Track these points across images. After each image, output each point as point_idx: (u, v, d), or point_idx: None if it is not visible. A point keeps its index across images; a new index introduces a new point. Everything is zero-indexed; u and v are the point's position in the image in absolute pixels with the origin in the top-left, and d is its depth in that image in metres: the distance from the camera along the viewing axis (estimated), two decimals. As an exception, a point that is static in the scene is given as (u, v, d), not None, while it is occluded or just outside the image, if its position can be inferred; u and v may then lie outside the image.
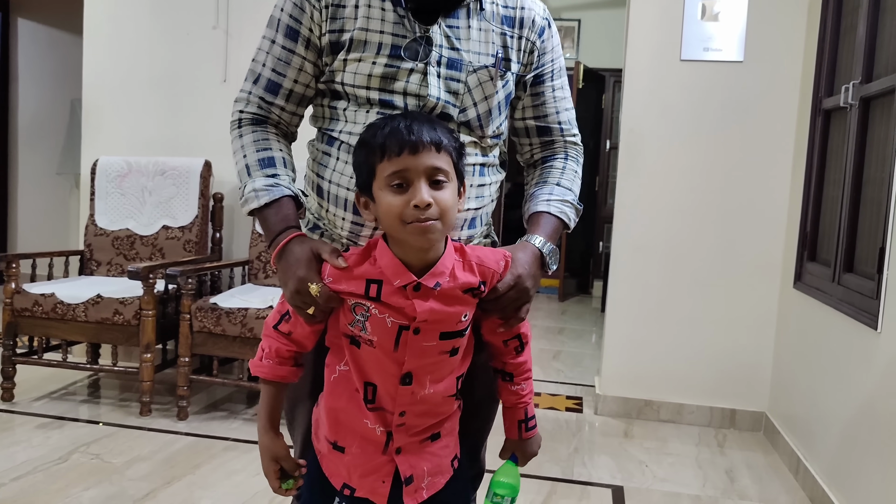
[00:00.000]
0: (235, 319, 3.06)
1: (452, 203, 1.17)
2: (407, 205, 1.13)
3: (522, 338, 1.35)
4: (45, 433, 3.00)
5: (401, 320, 1.19)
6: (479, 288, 1.23)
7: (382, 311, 1.19)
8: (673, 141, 3.45)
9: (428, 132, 1.15)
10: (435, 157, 1.14)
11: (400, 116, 1.18)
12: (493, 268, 1.24)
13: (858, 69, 2.63)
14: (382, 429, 1.25)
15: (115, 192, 3.69)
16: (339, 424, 1.28)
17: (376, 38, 1.28)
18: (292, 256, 1.25)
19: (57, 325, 3.27)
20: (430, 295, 1.18)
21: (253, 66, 1.38)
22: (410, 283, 1.18)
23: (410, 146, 1.13)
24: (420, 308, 1.18)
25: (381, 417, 1.25)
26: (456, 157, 1.19)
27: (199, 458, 2.81)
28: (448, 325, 1.21)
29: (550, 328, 5.64)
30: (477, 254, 1.25)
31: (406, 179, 1.14)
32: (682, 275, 3.48)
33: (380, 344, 1.21)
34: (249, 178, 1.33)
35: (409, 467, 1.27)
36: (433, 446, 1.30)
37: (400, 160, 1.13)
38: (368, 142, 1.17)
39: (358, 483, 1.28)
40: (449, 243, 1.23)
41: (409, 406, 1.24)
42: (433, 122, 1.19)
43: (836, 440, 2.56)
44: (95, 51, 3.90)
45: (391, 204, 1.14)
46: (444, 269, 1.20)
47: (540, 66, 1.42)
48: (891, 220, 2.22)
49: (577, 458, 3.01)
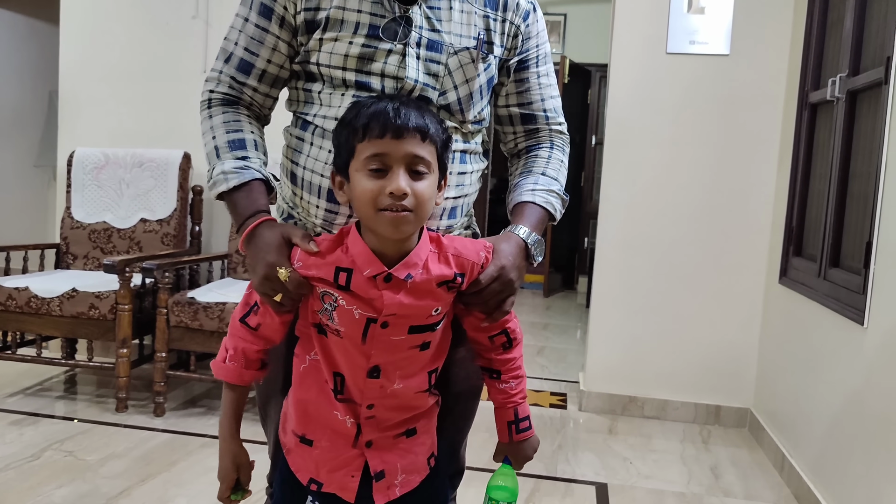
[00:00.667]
0: (213, 314, 3.00)
1: (430, 196, 1.12)
2: (382, 191, 1.08)
3: (510, 333, 1.29)
4: (18, 430, 2.93)
5: (369, 312, 1.14)
6: (455, 280, 1.18)
7: (350, 303, 1.14)
8: (658, 135, 3.42)
9: (415, 118, 1.10)
10: (418, 145, 1.10)
11: (388, 98, 1.13)
12: (473, 259, 1.19)
13: (845, 62, 2.60)
14: (353, 420, 1.20)
15: (91, 185, 3.62)
16: (308, 416, 1.23)
17: (353, 17, 1.24)
18: (262, 241, 1.20)
19: (31, 320, 3.20)
20: (402, 287, 1.14)
21: (225, 45, 1.33)
22: (381, 273, 1.13)
23: (394, 130, 1.08)
24: (388, 301, 1.13)
25: (350, 409, 1.20)
26: (441, 148, 1.14)
27: (176, 454, 2.75)
28: (418, 319, 1.16)
29: (535, 324, 5.61)
30: (455, 245, 1.20)
31: (385, 164, 1.09)
32: (667, 270, 3.46)
33: (347, 335, 1.16)
34: (218, 160, 1.29)
35: (381, 462, 1.23)
36: (408, 442, 1.25)
37: (381, 143, 1.09)
38: (351, 120, 1.12)
39: (326, 478, 1.23)
40: (424, 233, 1.18)
41: (379, 399, 1.20)
42: (422, 108, 1.14)
43: (822, 436, 2.53)
44: (72, 41, 3.82)
45: (366, 188, 1.10)
46: (418, 260, 1.15)
47: (524, 52, 1.38)
48: (877, 215, 2.19)
49: (560, 455, 2.98)
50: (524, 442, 1.36)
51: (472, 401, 1.45)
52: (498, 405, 1.34)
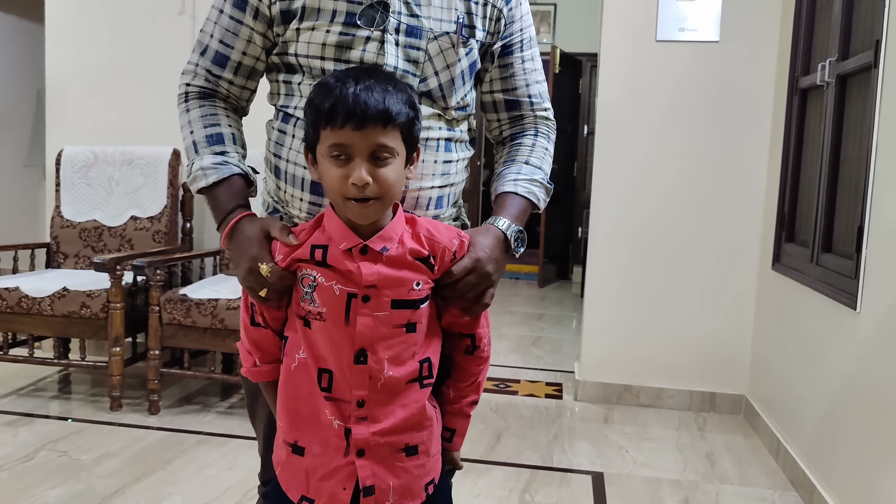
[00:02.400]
0: (206, 311, 2.98)
1: (395, 179, 1.11)
2: (346, 180, 1.08)
3: (476, 340, 1.27)
4: (12, 430, 2.92)
5: (349, 287, 1.13)
6: (430, 260, 1.16)
7: (329, 278, 1.13)
8: (649, 123, 3.41)
9: (376, 104, 1.07)
10: (380, 134, 1.08)
11: (354, 75, 1.10)
12: (444, 243, 1.18)
13: (835, 46, 2.59)
14: (340, 423, 1.16)
15: (81, 183, 3.60)
16: (300, 419, 1.19)
17: (330, 5, 1.22)
18: (243, 236, 1.20)
19: (22, 320, 3.18)
20: (378, 259, 1.13)
21: (200, 37, 1.32)
22: (356, 245, 1.12)
23: (356, 121, 1.06)
24: (366, 271, 1.12)
25: (338, 409, 1.16)
26: (407, 128, 1.12)
27: (171, 452, 2.74)
28: (400, 293, 1.14)
29: (530, 314, 5.61)
30: (427, 226, 1.18)
31: (347, 153, 1.08)
32: (660, 258, 3.45)
33: (329, 316, 1.14)
34: (197, 155, 1.28)
35: (371, 475, 1.17)
36: (406, 462, 1.19)
37: (342, 133, 1.07)
38: (316, 104, 1.10)
39: (316, 489, 1.18)
40: (399, 210, 1.17)
41: (369, 393, 1.15)
42: (389, 83, 1.11)
43: (816, 421, 2.54)
44: (58, 39, 3.79)
45: (331, 176, 1.10)
46: (393, 234, 1.14)
47: (508, 36, 1.36)
48: (869, 199, 2.19)
49: (556, 445, 2.97)
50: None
51: None
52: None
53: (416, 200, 1.26)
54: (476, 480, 2.58)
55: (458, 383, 1.29)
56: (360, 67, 1.20)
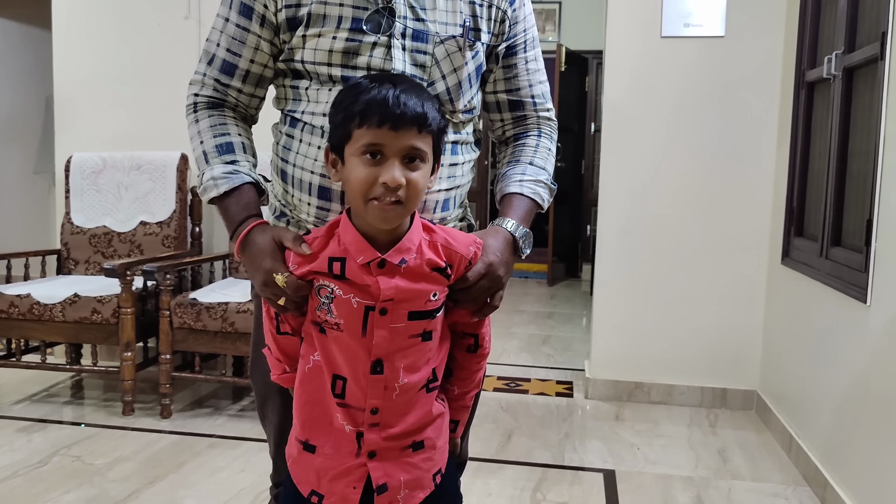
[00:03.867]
0: (216, 314, 3.00)
1: (423, 185, 1.11)
2: (376, 180, 1.08)
3: (479, 339, 1.28)
4: (26, 436, 2.94)
5: (366, 300, 1.12)
6: (445, 270, 1.16)
7: (347, 291, 1.13)
8: (656, 119, 3.41)
9: (414, 107, 1.07)
10: (415, 137, 1.08)
11: (389, 80, 1.11)
12: (462, 252, 1.18)
13: (841, 39, 2.58)
14: (352, 428, 1.17)
15: (90, 189, 3.62)
16: (313, 419, 1.20)
17: (336, 11, 1.22)
18: (255, 247, 1.20)
19: (34, 327, 3.20)
20: (396, 272, 1.13)
21: (207, 47, 1.32)
22: (374, 259, 1.12)
23: (393, 121, 1.07)
24: (384, 285, 1.12)
25: (349, 415, 1.17)
26: (438, 136, 1.13)
27: (183, 456, 2.75)
28: (417, 304, 1.15)
29: (540, 313, 5.61)
30: (445, 235, 1.18)
31: (381, 153, 1.08)
32: (669, 255, 3.45)
33: (347, 327, 1.14)
34: (207, 165, 1.28)
35: (384, 475, 1.18)
36: (415, 457, 1.21)
37: (379, 133, 1.07)
38: (349, 104, 1.10)
39: (328, 488, 1.19)
40: (417, 218, 1.17)
41: (383, 402, 1.16)
42: (421, 93, 1.12)
43: (828, 416, 2.52)
44: (65, 46, 3.81)
45: (360, 175, 1.09)
46: (411, 244, 1.14)
47: (512, 37, 1.36)
48: (877, 192, 2.18)
49: (567, 443, 2.97)
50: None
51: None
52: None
53: (423, 203, 1.26)
54: (487, 480, 2.58)
55: (461, 381, 1.30)
56: (394, 74, 1.20)
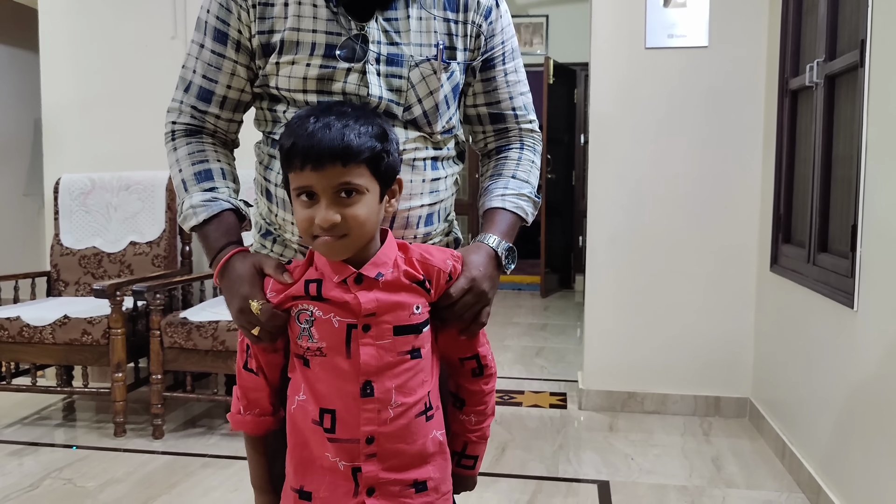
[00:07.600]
0: (206, 333, 2.99)
1: (366, 217, 1.08)
2: (313, 220, 1.07)
3: (481, 359, 1.25)
4: (17, 460, 2.92)
5: (347, 318, 1.11)
6: (425, 283, 1.15)
7: (327, 311, 1.12)
8: (642, 130, 3.43)
9: (332, 142, 1.04)
10: (341, 172, 1.05)
11: (315, 113, 1.09)
12: (439, 265, 1.17)
13: (822, 47, 2.61)
14: (346, 464, 1.13)
15: (79, 210, 3.61)
16: (303, 462, 1.16)
17: (309, 38, 1.21)
18: (234, 274, 1.19)
19: (24, 349, 3.19)
20: (374, 285, 1.12)
21: (183, 74, 1.31)
22: (350, 275, 1.11)
23: (314, 162, 1.04)
24: (364, 299, 1.10)
25: (343, 450, 1.13)
26: (374, 163, 1.08)
27: (176, 476, 2.74)
28: (401, 318, 1.13)
29: (533, 325, 5.60)
30: (420, 251, 1.17)
31: (311, 194, 1.07)
32: (658, 264, 3.46)
33: (330, 349, 1.12)
34: (186, 193, 1.27)
35: None
36: (416, 498, 1.17)
37: (303, 175, 1.06)
38: (282, 146, 1.09)
39: None
40: (390, 235, 1.17)
41: (378, 428, 1.12)
42: (351, 118, 1.07)
43: (821, 422, 2.53)
44: (53, 68, 3.82)
45: (300, 217, 1.09)
46: (387, 258, 1.13)
47: (489, 50, 1.34)
48: (861, 197, 2.19)
49: (561, 454, 2.97)
50: (459, 476, 1.31)
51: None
52: (452, 432, 1.30)
53: (406, 220, 1.25)
54: (482, 493, 2.58)
55: (476, 407, 1.29)
56: (327, 102, 1.17)
